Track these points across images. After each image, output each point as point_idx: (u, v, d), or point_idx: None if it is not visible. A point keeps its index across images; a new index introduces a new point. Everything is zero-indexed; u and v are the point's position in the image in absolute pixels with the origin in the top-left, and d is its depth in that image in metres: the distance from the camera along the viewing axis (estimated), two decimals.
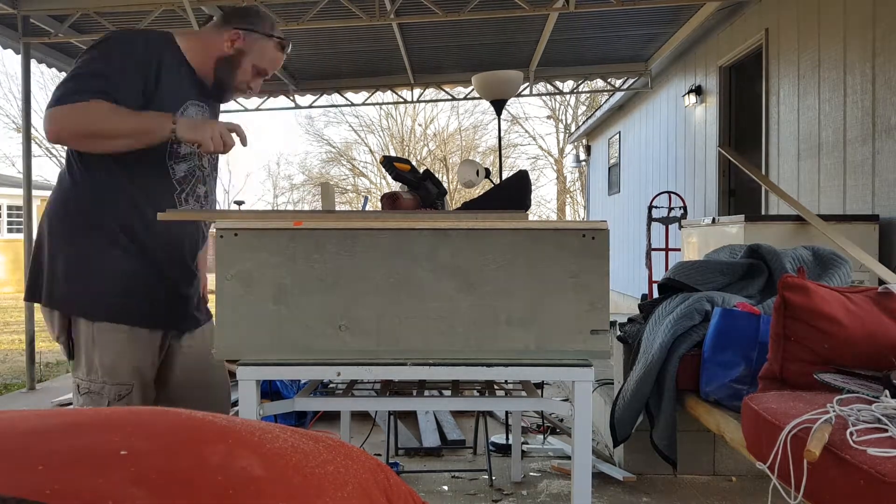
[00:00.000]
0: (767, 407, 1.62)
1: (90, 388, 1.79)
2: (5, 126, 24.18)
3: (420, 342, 1.60)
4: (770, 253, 2.60)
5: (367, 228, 1.60)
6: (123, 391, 1.78)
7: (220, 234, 1.61)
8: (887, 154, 3.90)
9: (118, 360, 1.78)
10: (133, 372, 1.80)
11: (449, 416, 4.01)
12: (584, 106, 21.88)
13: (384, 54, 7.29)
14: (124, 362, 1.78)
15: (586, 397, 1.63)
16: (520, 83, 4.28)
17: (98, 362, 1.78)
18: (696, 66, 7.12)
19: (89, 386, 1.79)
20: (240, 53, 1.89)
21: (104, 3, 5.42)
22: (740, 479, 3.04)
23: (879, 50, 4.00)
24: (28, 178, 5.55)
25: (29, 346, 5.40)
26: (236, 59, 1.89)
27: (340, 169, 26.22)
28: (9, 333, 9.16)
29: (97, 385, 1.78)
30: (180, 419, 0.71)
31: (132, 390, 1.79)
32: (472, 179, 2.32)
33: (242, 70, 1.91)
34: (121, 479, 0.57)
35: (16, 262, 16.79)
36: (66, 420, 0.69)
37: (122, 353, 1.78)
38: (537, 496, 2.90)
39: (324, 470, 0.69)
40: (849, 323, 1.80)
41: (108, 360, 1.77)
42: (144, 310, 1.82)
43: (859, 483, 1.25)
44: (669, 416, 2.39)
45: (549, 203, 25.09)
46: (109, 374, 1.77)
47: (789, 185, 5.02)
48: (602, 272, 1.60)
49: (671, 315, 2.46)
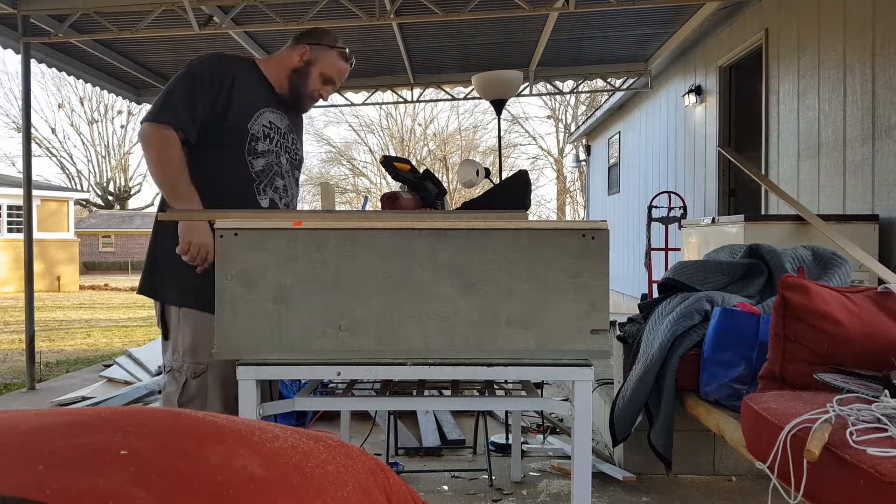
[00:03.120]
0: (767, 407, 1.62)
1: (172, 367, 2.02)
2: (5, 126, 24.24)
3: (420, 342, 1.60)
4: (770, 253, 2.60)
5: (367, 228, 1.60)
6: (199, 370, 2.00)
7: (220, 234, 1.61)
8: (887, 154, 3.90)
9: (197, 341, 2.00)
10: (208, 353, 1.94)
11: (449, 416, 4.01)
12: (584, 106, 21.89)
13: (384, 54, 7.29)
14: (202, 344, 1.98)
15: (586, 397, 1.63)
16: (520, 83, 4.28)
17: (181, 343, 2.02)
18: (696, 66, 7.11)
19: (172, 364, 2.02)
20: (308, 64, 2.21)
21: (104, 3, 5.42)
22: (740, 479, 3.04)
23: (879, 50, 4.00)
24: (28, 178, 5.55)
25: (29, 346, 5.39)
26: (306, 70, 2.22)
27: (340, 169, 26.25)
28: (9, 333, 9.16)
29: (178, 363, 2.02)
30: (180, 419, 0.71)
31: (206, 369, 1.99)
32: (472, 179, 2.32)
33: (312, 79, 2.23)
34: (121, 479, 0.57)
35: (16, 261, 16.79)
36: (66, 420, 0.69)
37: (200, 335, 1.99)
38: (537, 496, 2.90)
39: (324, 470, 0.69)
40: (849, 323, 1.80)
41: (188, 341, 2.01)
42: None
43: (859, 483, 1.25)
44: (668, 416, 2.39)
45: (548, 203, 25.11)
46: (189, 354, 2.00)
47: (789, 185, 5.02)
48: (602, 272, 1.60)
49: (671, 315, 2.46)
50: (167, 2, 5.34)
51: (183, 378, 2.01)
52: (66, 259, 19.11)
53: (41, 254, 16.76)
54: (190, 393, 2.00)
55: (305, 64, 2.21)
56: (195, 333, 2.01)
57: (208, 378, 2.01)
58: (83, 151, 31.67)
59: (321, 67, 2.23)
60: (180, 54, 6.82)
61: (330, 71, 2.25)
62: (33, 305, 5.59)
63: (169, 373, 2.05)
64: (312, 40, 2.23)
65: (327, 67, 2.24)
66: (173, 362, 2.03)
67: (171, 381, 2.03)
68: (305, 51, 2.22)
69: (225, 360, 1.92)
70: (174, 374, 2.03)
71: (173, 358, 2.03)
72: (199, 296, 1.97)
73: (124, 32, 5.84)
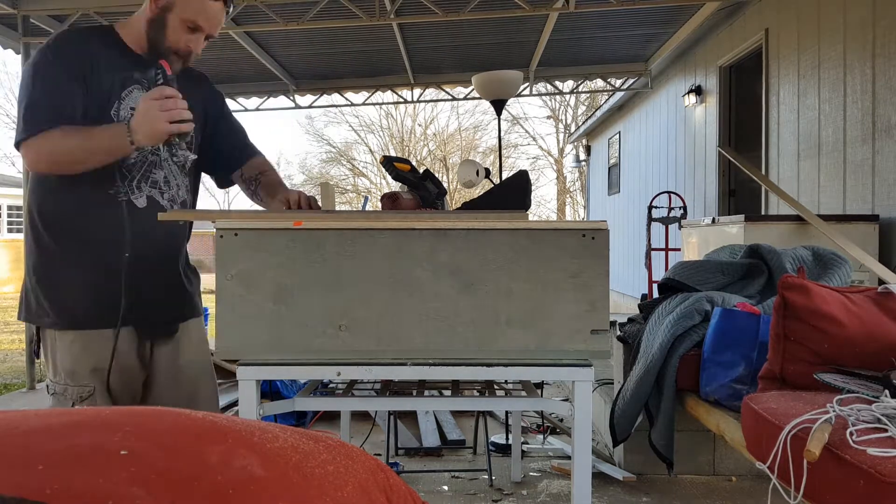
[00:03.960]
0: (767, 407, 1.62)
1: (55, 390, 1.81)
2: (5, 126, 24.18)
3: (420, 342, 1.60)
4: (770, 253, 2.60)
5: (367, 228, 1.60)
6: (85, 392, 1.78)
7: (220, 234, 1.61)
8: (887, 154, 3.90)
9: (76, 362, 1.78)
10: (92, 373, 1.78)
11: (449, 416, 4.01)
12: (584, 106, 21.88)
13: (384, 54, 7.29)
14: (82, 364, 1.78)
15: (586, 397, 1.63)
16: (520, 83, 4.28)
17: (60, 366, 1.80)
18: (696, 66, 7.12)
19: (55, 388, 1.81)
20: (165, 10, 1.76)
21: (104, 3, 5.42)
22: (740, 479, 3.04)
23: (879, 50, 4.00)
24: (28, 178, 5.55)
25: (29, 346, 5.39)
26: (162, 18, 1.76)
27: (340, 169, 26.23)
28: (9, 333, 9.16)
29: (61, 387, 1.80)
30: (180, 419, 0.71)
31: (94, 392, 1.78)
32: (472, 179, 2.32)
33: (171, 28, 1.76)
34: (121, 479, 0.57)
35: (16, 261, 16.79)
36: (66, 420, 0.69)
37: (78, 356, 1.78)
38: (537, 496, 2.90)
39: (324, 470, 0.69)
40: (849, 323, 1.80)
41: (67, 364, 1.79)
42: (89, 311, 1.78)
43: (859, 483, 1.25)
44: (668, 417, 2.39)
45: (549, 203, 25.10)
46: (70, 377, 1.78)
47: (789, 185, 5.02)
48: (602, 272, 1.60)
49: (671, 315, 2.46)
50: None
51: (69, 402, 1.79)
52: None
53: None
54: None
55: (161, 10, 1.75)
56: (71, 355, 1.78)
57: (98, 401, 1.78)
58: None
59: (180, 12, 1.75)
60: None
61: (190, 14, 1.75)
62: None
63: (53, 396, 1.81)
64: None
65: (186, 10, 1.75)
66: (56, 385, 1.80)
67: (55, 404, 1.81)
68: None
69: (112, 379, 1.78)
70: (58, 398, 1.80)
71: (55, 380, 1.81)
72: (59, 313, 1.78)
73: None
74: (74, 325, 1.78)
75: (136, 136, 1.65)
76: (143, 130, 1.65)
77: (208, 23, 1.80)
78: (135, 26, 1.81)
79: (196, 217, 1.89)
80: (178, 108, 1.65)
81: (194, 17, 1.77)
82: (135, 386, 1.85)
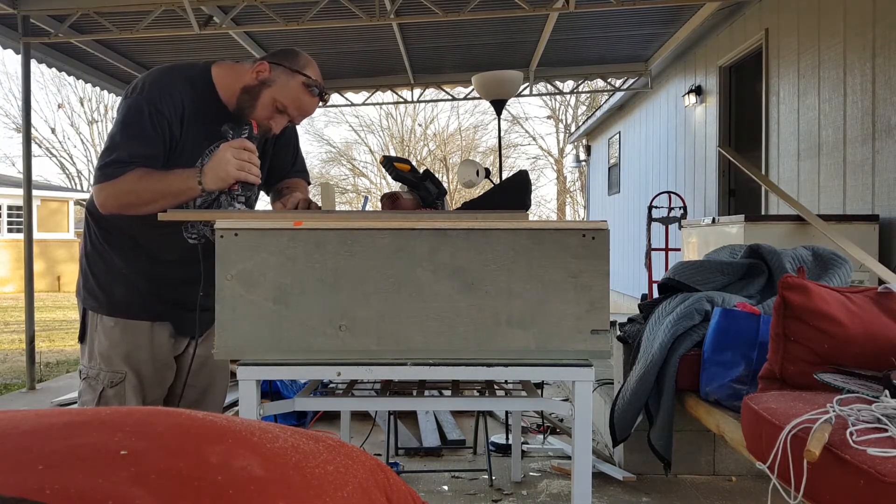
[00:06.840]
0: (767, 407, 1.62)
1: (88, 374, 1.94)
2: (5, 126, 24.21)
3: (420, 342, 1.60)
4: (770, 253, 2.60)
5: (367, 228, 1.60)
6: (116, 378, 1.91)
7: (221, 234, 1.61)
8: (887, 154, 3.90)
9: (112, 347, 1.91)
10: (125, 360, 1.91)
11: (449, 416, 4.01)
12: (584, 106, 21.89)
13: (384, 54, 7.29)
14: (117, 350, 1.91)
15: (586, 397, 1.63)
16: (520, 83, 4.28)
17: (97, 350, 1.93)
18: (696, 66, 7.12)
19: (88, 371, 1.94)
20: (262, 85, 1.84)
21: (104, 3, 5.42)
22: (740, 479, 3.04)
23: (879, 50, 4.00)
24: (28, 178, 5.55)
25: (29, 346, 5.39)
26: (257, 90, 1.84)
27: (340, 169, 26.24)
28: (9, 333, 9.16)
29: (94, 370, 1.93)
30: (180, 419, 0.71)
31: (125, 378, 1.91)
32: (472, 179, 2.31)
33: (262, 103, 1.84)
34: (121, 479, 0.57)
35: (17, 261, 16.79)
36: (66, 420, 0.69)
37: (116, 341, 1.91)
38: (537, 496, 2.90)
39: (324, 470, 0.69)
40: (849, 323, 1.80)
41: (103, 349, 1.92)
42: (132, 303, 1.92)
43: (859, 483, 1.25)
44: (668, 417, 2.39)
45: (549, 203, 25.11)
46: (105, 361, 1.91)
47: (789, 185, 5.02)
48: (602, 272, 1.60)
49: (671, 315, 2.46)
50: (167, 2, 5.34)
51: (100, 387, 1.90)
52: (66, 259, 19.11)
53: (41, 254, 16.76)
54: (107, 403, 1.90)
55: (259, 83, 1.84)
56: (110, 340, 1.91)
57: (127, 388, 1.90)
58: (83, 151, 31.78)
59: (275, 92, 1.84)
60: (180, 54, 6.82)
61: (285, 99, 1.85)
62: (33, 305, 5.59)
63: (85, 380, 1.94)
64: (276, 59, 1.88)
65: (283, 93, 1.84)
66: (90, 369, 1.93)
67: (87, 389, 1.93)
68: (264, 68, 1.84)
69: (143, 368, 1.91)
70: (90, 381, 1.92)
71: (90, 364, 1.93)
72: (117, 303, 1.91)
73: (124, 32, 5.84)
74: (116, 313, 1.91)
75: (205, 178, 1.74)
76: (212, 174, 1.74)
77: (297, 111, 1.90)
78: (231, 83, 1.87)
79: (196, 217, 1.90)
80: (250, 162, 1.74)
81: (288, 102, 1.87)
82: (166, 374, 1.99)
